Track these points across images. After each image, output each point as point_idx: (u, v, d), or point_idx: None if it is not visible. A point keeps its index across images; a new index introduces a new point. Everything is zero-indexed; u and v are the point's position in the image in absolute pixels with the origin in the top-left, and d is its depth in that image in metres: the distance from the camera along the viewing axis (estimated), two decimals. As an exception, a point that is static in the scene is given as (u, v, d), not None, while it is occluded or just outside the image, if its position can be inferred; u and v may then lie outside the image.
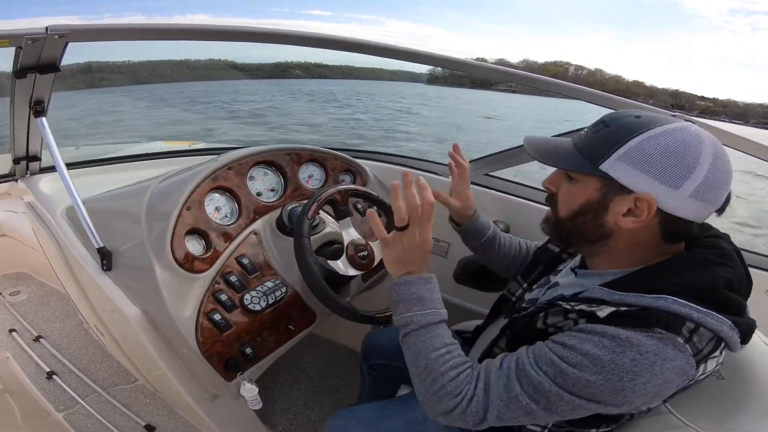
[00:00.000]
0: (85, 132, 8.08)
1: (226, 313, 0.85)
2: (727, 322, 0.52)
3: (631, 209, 0.56)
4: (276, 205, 1.09)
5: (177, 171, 1.02)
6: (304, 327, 0.98)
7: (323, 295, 0.85)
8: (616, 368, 0.50)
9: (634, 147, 0.54)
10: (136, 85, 46.78)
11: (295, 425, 1.39)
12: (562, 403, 0.55)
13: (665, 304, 0.52)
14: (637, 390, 0.51)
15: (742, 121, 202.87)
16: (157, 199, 0.89)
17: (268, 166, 1.14)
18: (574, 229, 0.63)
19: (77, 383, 1.43)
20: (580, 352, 0.52)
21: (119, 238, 0.86)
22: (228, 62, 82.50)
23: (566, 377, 0.53)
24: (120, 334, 1.08)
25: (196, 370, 0.89)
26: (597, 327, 0.53)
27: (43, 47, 0.69)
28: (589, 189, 0.59)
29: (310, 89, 33.46)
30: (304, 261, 0.84)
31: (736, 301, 0.55)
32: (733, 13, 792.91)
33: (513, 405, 0.57)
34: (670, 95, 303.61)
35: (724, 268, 0.56)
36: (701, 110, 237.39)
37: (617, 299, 0.55)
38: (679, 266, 0.57)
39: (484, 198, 1.38)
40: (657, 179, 0.53)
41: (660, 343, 0.50)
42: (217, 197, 0.98)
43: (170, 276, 0.81)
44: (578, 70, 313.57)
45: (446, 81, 52.94)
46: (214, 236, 0.92)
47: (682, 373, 0.51)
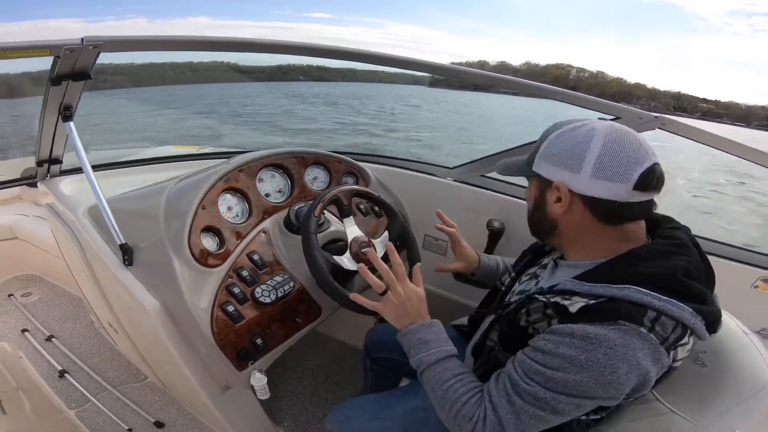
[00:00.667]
0: (89, 135, 8.16)
1: (238, 305, 0.90)
2: (688, 309, 0.57)
3: (557, 197, 0.66)
4: (283, 206, 1.14)
5: (190, 173, 1.07)
6: (310, 321, 1.03)
7: (329, 286, 0.89)
8: (593, 365, 0.55)
9: (545, 147, 0.69)
10: (139, 87, 46.80)
11: (299, 421, 1.43)
12: (562, 405, 0.59)
13: (629, 293, 0.57)
14: (622, 381, 0.56)
15: (745, 123, 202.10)
16: (174, 199, 0.95)
17: (276, 169, 1.19)
18: (535, 224, 0.75)
19: (88, 381, 1.48)
20: (557, 355, 0.58)
21: (138, 236, 0.92)
22: (231, 65, 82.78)
23: (555, 382, 0.58)
24: (136, 329, 1.13)
25: (209, 361, 0.94)
26: (566, 328, 0.58)
27: (78, 57, 0.75)
28: (533, 188, 0.73)
29: (313, 92, 33.54)
30: (311, 255, 0.89)
31: (695, 289, 0.59)
32: (733, 15, 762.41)
33: (523, 416, 0.62)
34: (672, 97, 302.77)
35: (681, 257, 0.61)
36: (704, 112, 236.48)
37: (586, 290, 0.61)
38: (640, 257, 0.62)
39: (480, 198, 1.44)
40: (563, 167, 0.64)
41: (626, 335, 0.55)
42: (228, 197, 1.04)
43: (188, 270, 0.87)
44: (580, 72, 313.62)
45: (448, 84, 53.16)
46: (227, 234, 0.97)
47: (655, 360, 0.56)
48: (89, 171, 0.86)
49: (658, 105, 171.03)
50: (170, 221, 0.90)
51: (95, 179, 0.86)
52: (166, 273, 0.86)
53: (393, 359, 1.18)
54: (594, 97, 1.14)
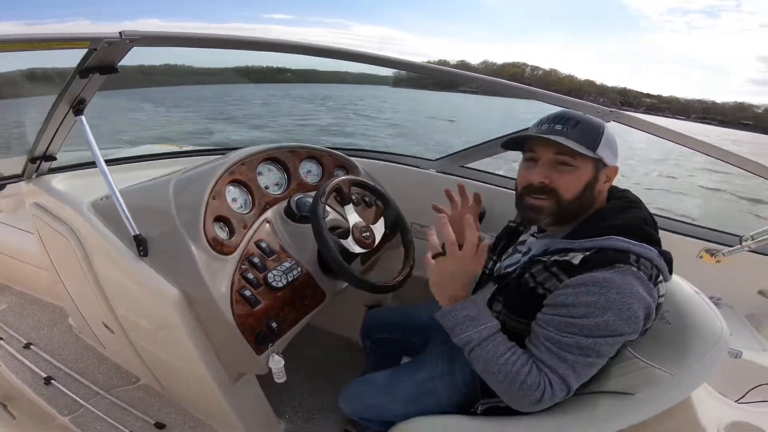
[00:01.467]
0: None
1: (254, 290, 0.94)
2: (654, 251, 0.70)
3: (606, 179, 0.78)
4: (282, 197, 1.19)
5: (191, 167, 1.10)
6: (315, 305, 1.09)
7: (340, 266, 0.96)
8: (612, 304, 0.65)
9: (606, 135, 0.77)
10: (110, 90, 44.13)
11: (300, 411, 1.46)
12: (602, 346, 0.67)
13: (612, 242, 0.70)
14: (638, 314, 0.66)
15: (684, 116, 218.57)
16: (183, 191, 0.98)
17: (273, 163, 1.25)
18: (579, 205, 0.77)
19: (78, 386, 1.44)
20: (580, 304, 0.67)
21: (149, 227, 0.93)
22: (186, 67, 79.76)
23: (589, 328, 0.66)
24: (142, 324, 1.13)
25: (227, 348, 0.97)
26: (578, 279, 0.68)
27: (111, 51, 0.77)
28: (588, 171, 0.76)
29: (269, 93, 32.98)
30: (322, 237, 0.95)
31: (655, 235, 0.74)
32: (672, 12, 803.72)
33: (578, 368, 0.69)
34: (618, 93, 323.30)
35: (638, 210, 0.77)
36: (647, 107, 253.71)
37: (578, 245, 0.73)
38: (608, 214, 0.76)
39: None
40: (615, 155, 0.77)
41: (625, 275, 0.66)
42: (232, 189, 1.08)
43: (205, 257, 0.90)
44: (534, 70, 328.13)
45: (410, 83, 54.23)
46: (235, 223, 1.01)
47: (649, 293, 0.68)
48: (102, 163, 0.87)
49: (606, 100, 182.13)
50: (182, 211, 0.93)
51: (108, 171, 0.87)
52: (185, 261, 0.88)
53: (393, 339, 1.25)
54: (563, 95, 1.27)
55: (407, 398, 0.96)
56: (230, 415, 1.14)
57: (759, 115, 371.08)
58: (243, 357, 0.94)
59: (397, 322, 1.25)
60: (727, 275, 1.40)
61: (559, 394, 0.70)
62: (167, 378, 1.34)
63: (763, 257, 1.39)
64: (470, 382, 0.92)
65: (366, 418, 1.03)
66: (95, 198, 1.04)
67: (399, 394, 0.97)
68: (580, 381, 0.71)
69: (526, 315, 0.76)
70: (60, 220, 1.08)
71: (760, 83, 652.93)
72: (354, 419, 1.08)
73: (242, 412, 1.16)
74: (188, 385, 1.24)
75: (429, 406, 0.93)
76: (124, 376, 1.50)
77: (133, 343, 1.24)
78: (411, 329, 1.22)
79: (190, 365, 1.04)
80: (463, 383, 0.93)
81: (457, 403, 0.93)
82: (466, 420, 0.87)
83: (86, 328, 1.50)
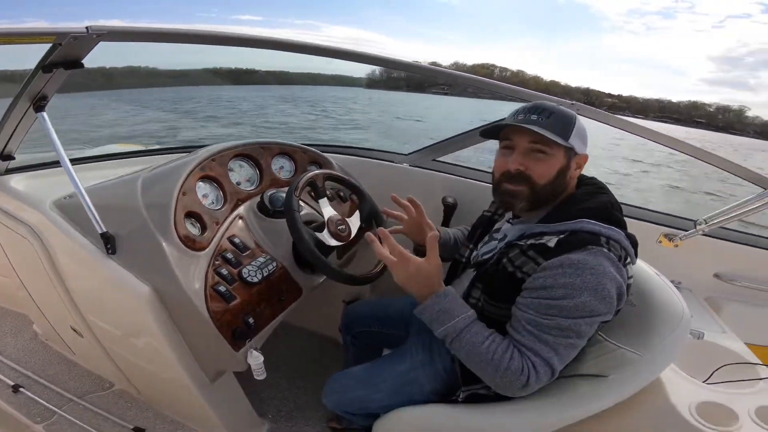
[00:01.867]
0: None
1: (228, 285, 0.93)
2: (622, 233, 0.75)
3: (577, 166, 0.82)
4: (254, 193, 1.19)
5: (160, 164, 1.08)
6: (292, 300, 1.09)
7: (317, 259, 0.96)
8: (588, 284, 0.68)
9: (577, 126, 0.81)
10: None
11: (283, 411, 1.45)
12: (581, 326, 0.70)
13: (584, 225, 0.74)
14: (612, 294, 0.69)
15: (643, 115, 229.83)
16: (152, 187, 0.95)
17: (244, 159, 1.23)
18: (553, 191, 0.81)
19: (49, 394, 1.38)
20: (558, 286, 0.70)
21: (117, 225, 0.91)
22: (150, 69, 77.10)
23: (568, 309, 0.69)
24: (112, 326, 1.09)
25: (204, 345, 0.95)
26: (555, 261, 0.71)
27: (76, 46, 0.74)
28: (561, 158, 0.80)
29: (230, 96, 32.49)
30: (297, 230, 0.95)
31: (621, 219, 0.78)
32: (631, 14, 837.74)
33: (560, 349, 0.71)
34: (582, 93, 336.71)
35: (605, 195, 0.81)
36: (609, 106, 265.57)
37: (552, 229, 0.76)
38: (579, 199, 0.80)
39: (434, 179, 1.59)
40: (585, 144, 0.83)
41: (598, 256, 0.70)
42: (203, 186, 1.07)
43: (177, 253, 0.88)
44: (503, 72, 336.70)
45: (385, 85, 54.50)
46: (207, 219, 1.00)
47: (620, 273, 0.72)
48: (65, 159, 0.84)
49: (569, 99, 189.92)
50: (152, 208, 0.91)
51: (72, 168, 0.84)
52: (156, 258, 0.87)
53: (372, 332, 1.25)
54: (532, 90, 1.34)
55: (390, 389, 0.97)
56: (211, 416, 1.13)
57: (711, 114, 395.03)
58: (220, 354, 0.93)
59: (375, 315, 1.26)
60: (685, 260, 1.47)
61: (543, 378, 0.71)
62: (142, 381, 1.30)
63: (717, 241, 1.47)
64: (450, 370, 0.93)
65: (349, 412, 1.03)
66: (58, 197, 1.01)
67: (381, 386, 0.98)
68: (563, 363, 0.73)
69: (505, 300, 0.78)
70: (20, 221, 1.04)
71: (711, 83, 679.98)
72: (338, 413, 1.08)
73: (223, 412, 1.15)
74: (165, 387, 1.21)
75: (412, 395, 0.95)
76: (97, 382, 1.46)
77: (105, 346, 1.20)
78: (389, 321, 1.23)
79: (165, 366, 1.02)
80: (444, 371, 0.94)
81: (439, 392, 0.94)
82: (449, 408, 0.89)
83: (53, 334, 1.45)
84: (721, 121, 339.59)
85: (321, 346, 1.78)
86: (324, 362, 1.69)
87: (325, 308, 1.67)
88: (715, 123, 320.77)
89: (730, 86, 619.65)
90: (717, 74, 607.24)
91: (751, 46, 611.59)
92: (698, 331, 1.17)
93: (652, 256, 1.01)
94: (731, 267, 1.50)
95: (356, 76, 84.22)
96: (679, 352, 0.80)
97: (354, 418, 1.05)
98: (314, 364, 1.68)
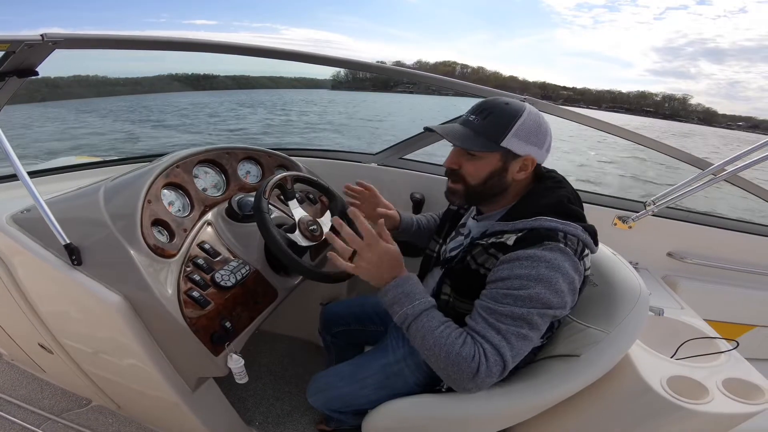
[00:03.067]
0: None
1: (201, 290, 0.92)
2: (579, 227, 0.78)
3: (521, 167, 0.82)
4: (221, 199, 1.17)
5: (121, 174, 1.05)
6: (268, 302, 1.08)
7: (290, 259, 0.96)
8: (542, 277, 0.71)
9: (519, 126, 0.78)
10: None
11: (270, 417, 1.45)
12: (534, 317, 0.71)
13: (541, 222, 0.77)
14: (564, 288, 0.72)
15: (596, 106, 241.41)
16: (115, 197, 0.93)
17: (209, 165, 1.22)
18: (484, 191, 0.84)
19: (24, 414, 1.32)
20: (515, 277, 0.72)
21: (81, 236, 0.88)
22: (101, 78, 73.47)
23: (523, 299, 0.71)
24: (83, 340, 1.06)
25: (182, 352, 0.93)
26: (512, 255, 0.74)
27: (31, 53, 0.72)
28: (493, 161, 0.81)
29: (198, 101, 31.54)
30: (268, 232, 0.94)
31: (579, 212, 0.82)
32: (579, 8, 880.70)
33: (511, 339, 0.71)
34: (539, 87, 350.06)
35: (563, 190, 0.84)
36: (564, 99, 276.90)
37: (511, 227, 0.79)
38: (536, 195, 0.83)
39: (401, 177, 1.63)
40: (533, 144, 0.80)
41: (553, 252, 0.73)
42: (167, 193, 1.05)
43: (146, 261, 0.87)
44: (464, 68, 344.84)
45: (350, 86, 54.12)
46: (175, 226, 0.98)
47: (575, 269, 0.74)
48: (21, 170, 0.79)
49: (528, 95, 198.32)
50: (117, 217, 0.89)
51: (30, 180, 0.80)
52: (125, 267, 0.85)
53: (351, 330, 1.27)
54: (488, 87, 1.39)
55: (375, 384, 0.98)
56: (196, 425, 1.11)
57: (658, 102, 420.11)
58: (200, 360, 0.92)
59: (352, 313, 1.28)
60: (639, 240, 1.57)
61: (494, 369, 0.71)
62: (121, 395, 1.26)
63: (666, 221, 1.58)
64: None
65: (336, 410, 1.04)
66: (14, 211, 0.96)
67: (366, 381, 0.99)
68: (515, 357, 0.73)
69: (472, 296, 0.80)
70: None
71: (656, 73, 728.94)
72: (325, 414, 1.08)
73: (208, 421, 1.13)
74: (145, 399, 1.18)
75: (397, 389, 0.96)
76: (73, 399, 1.41)
77: (77, 361, 1.16)
78: (367, 318, 1.25)
79: (144, 377, 1.00)
80: (425, 363, 0.95)
81: (423, 383, 0.96)
82: (435, 398, 0.91)
83: (20, 353, 1.37)
84: (667, 109, 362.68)
85: (303, 350, 1.78)
86: (308, 366, 1.69)
87: (303, 312, 1.67)
88: (663, 111, 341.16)
89: (674, 76, 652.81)
90: (661, 64, 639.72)
91: (689, 36, 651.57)
92: (658, 308, 1.24)
93: (610, 238, 1.07)
94: (682, 245, 1.61)
95: (321, 78, 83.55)
96: (642, 328, 0.83)
97: (342, 417, 1.06)
98: (298, 368, 1.68)
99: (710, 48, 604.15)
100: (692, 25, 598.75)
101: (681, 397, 0.85)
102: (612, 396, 0.92)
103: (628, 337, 0.83)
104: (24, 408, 1.35)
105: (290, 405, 1.50)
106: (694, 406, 0.84)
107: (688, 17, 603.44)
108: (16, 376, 1.50)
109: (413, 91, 41.84)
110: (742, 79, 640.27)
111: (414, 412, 0.92)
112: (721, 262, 1.59)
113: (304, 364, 1.70)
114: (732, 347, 1.06)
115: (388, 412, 0.94)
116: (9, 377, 1.49)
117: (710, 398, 0.87)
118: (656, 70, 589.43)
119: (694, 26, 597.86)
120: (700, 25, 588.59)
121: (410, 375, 0.97)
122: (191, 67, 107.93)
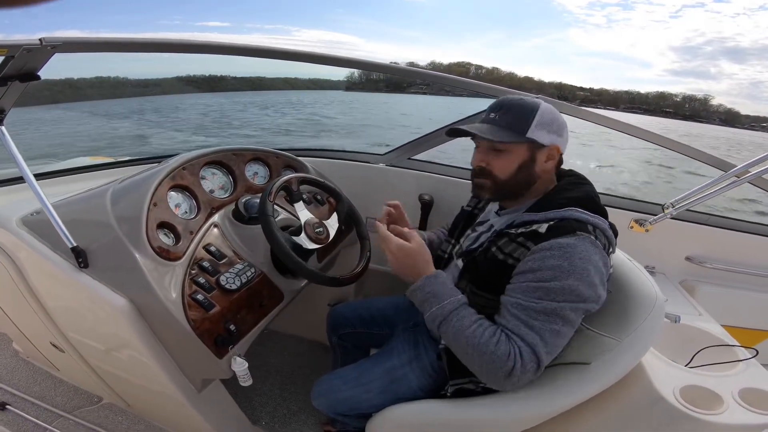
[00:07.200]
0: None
1: (206, 293, 0.92)
2: (606, 222, 0.77)
3: (548, 156, 0.83)
4: (229, 201, 1.17)
5: (130, 175, 1.06)
6: (274, 305, 1.07)
7: (292, 261, 0.95)
8: (575, 268, 0.70)
9: (539, 118, 0.80)
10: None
11: (277, 417, 1.45)
12: (567, 312, 0.70)
13: (572, 213, 0.76)
14: (596, 280, 0.71)
15: (614, 107, 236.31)
16: (121, 199, 0.94)
17: (217, 166, 1.22)
18: (516, 184, 0.84)
19: (37, 411, 1.35)
20: (547, 268, 0.71)
21: (87, 239, 0.89)
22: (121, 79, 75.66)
23: (555, 291, 0.69)
24: (92, 340, 1.07)
25: (186, 355, 0.94)
26: (545, 244, 0.73)
27: (31, 58, 0.73)
28: (521, 153, 0.82)
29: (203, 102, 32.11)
30: (273, 235, 0.94)
31: (604, 208, 0.81)
32: (592, 6, 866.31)
33: (546, 336, 0.70)
34: (555, 87, 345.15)
35: (587, 186, 0.84)
36: (582, 100, 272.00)
37: (542, 217, 0.78)
38: (563, 190, 0.83)
39: (410, 177, 1.61)
40: (554, 134, 0.82)
41: (586, 243, 0.72)
42: (174, 195, 1.05)
43: (151, 264, 0.87)
44: (478, 69, 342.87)
45: (364, 87, 54.55)
46: (181, 229, 0.98)
47: (604, 262, 0.73)
48: (28, 173, 0.81)
49: (544, 95, 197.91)
50: (122, 220, 0.90)
51: (37, 183, 0.82)
52: (130, 270, 0.85)
53: (358, 333, 1.26)
54: (503, 87, 1.37)
55: (379, 388, 0.97)
56: (202, 425, 1.12)
57: (678, 103, 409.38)
58: (204, 362, 0.92)
59: (359, 315, 1.27)
60: (657, 244, 1.52)
61: (529, 367, 0.70)
62: (130, 394, 1.28)
63: (685, 224, 1.53)
64: (437, 365, 0.95)
65: (341, 413, 1.03)
66: (24, 214, 0.98)
67: (370, 385, 0.98)
68: (549, 354, 0.72)
69: (491, 290, 0.79)
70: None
71: (676, 73, 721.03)
72: (330, 416, 1.07)
73: (214, 421, 1.14)
74: (153, 398, 1.20)
75: (402, 393, 0.95)
76: (85, 397, 1.44)
77: (87, 361, 1.18)
78: (374, 321, 1.24)
79: (151, 377, 1.00)
80: (431, 367, 0.95)
81: (428, 387, 0.95)
82: (439, 403, 0.90)
83: (34, 351, 1.41)
84: (688, 110, 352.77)
85: (310, 350, 1.79)
86: (315, 366, 1.70)
87: (312, 313, 1.67)
88: (682, 112, 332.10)
89: (694, 76, 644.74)
90: (680, 64, 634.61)
91: (707, 35, 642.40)
92: (674, 314, 1.19)
93: (625, 242, 1.03)
94: (701, 249, 1.55)
95: (335, 79, 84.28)
96: (657, 336, 0.80)
97: (346, 420, 1.05)
98: (305, 368, 1.68)
99: (730, 47, 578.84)
100: (710, 24, 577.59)
101: (694, 408, 0.82)
102: (622, 405, 0.89)
103: (641, 345, 0.80)
104: (37, 405, 1.38)
105: (297, 405, 1.50)
106: (708, 416, 0.81)
107: (705, 15, 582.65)
108: (32, 373, 1.53)
109: (426, 92, 41.84)
110: (765, 78, 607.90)
111: (418, 418, 0.91)
112: (741, 266, 1.53)
113: (312, 365, 1.70)
114: (751, 356, 1.01)
115: (391, 416, 0.92)
116: (25, 374, 1.53)
117: (725, 408, 0.83)
118: (675, 70, 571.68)
119: (713, 24, 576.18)
120: (718, 23, 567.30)
121: (415, 379, 0.96)
122: (205, 68, 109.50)
